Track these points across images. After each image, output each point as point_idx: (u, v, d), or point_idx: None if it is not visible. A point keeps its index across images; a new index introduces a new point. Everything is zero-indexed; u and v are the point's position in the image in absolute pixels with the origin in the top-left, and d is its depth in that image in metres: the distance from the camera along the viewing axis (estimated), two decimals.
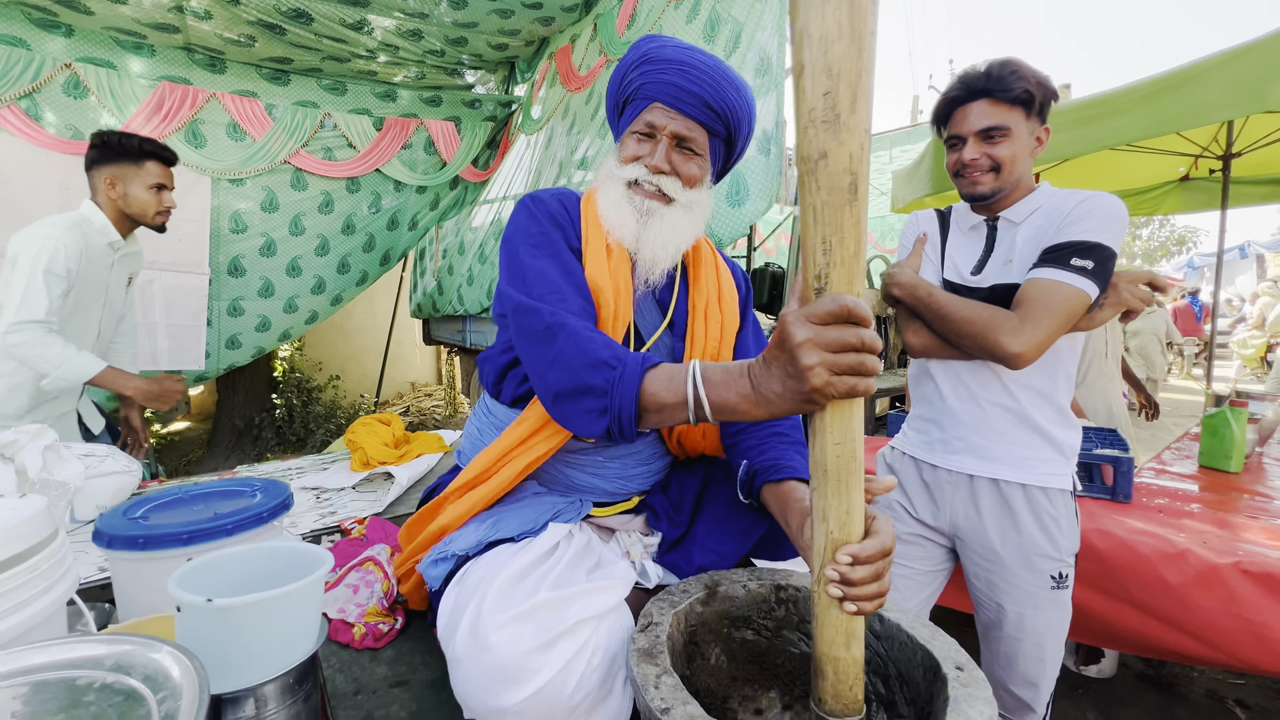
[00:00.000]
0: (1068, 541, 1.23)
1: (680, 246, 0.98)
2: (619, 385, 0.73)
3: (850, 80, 0.53)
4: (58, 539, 0.62)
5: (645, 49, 0.95)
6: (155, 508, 0.92)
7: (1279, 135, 2.91)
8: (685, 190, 0.95)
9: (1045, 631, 1.23)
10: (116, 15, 2.99)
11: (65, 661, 0.50)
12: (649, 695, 0.64)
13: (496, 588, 0.75)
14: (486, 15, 3.45)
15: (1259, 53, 1.87)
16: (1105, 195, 1.16)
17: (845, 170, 0.54)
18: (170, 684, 0.47)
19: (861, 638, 0.66)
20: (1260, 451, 2.29)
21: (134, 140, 2.01)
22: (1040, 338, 1.10)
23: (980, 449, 1.26)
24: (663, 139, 0.93)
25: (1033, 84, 1.16)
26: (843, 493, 0.61)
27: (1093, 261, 1.11)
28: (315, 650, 0.66)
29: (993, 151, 1.19)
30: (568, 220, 0.96)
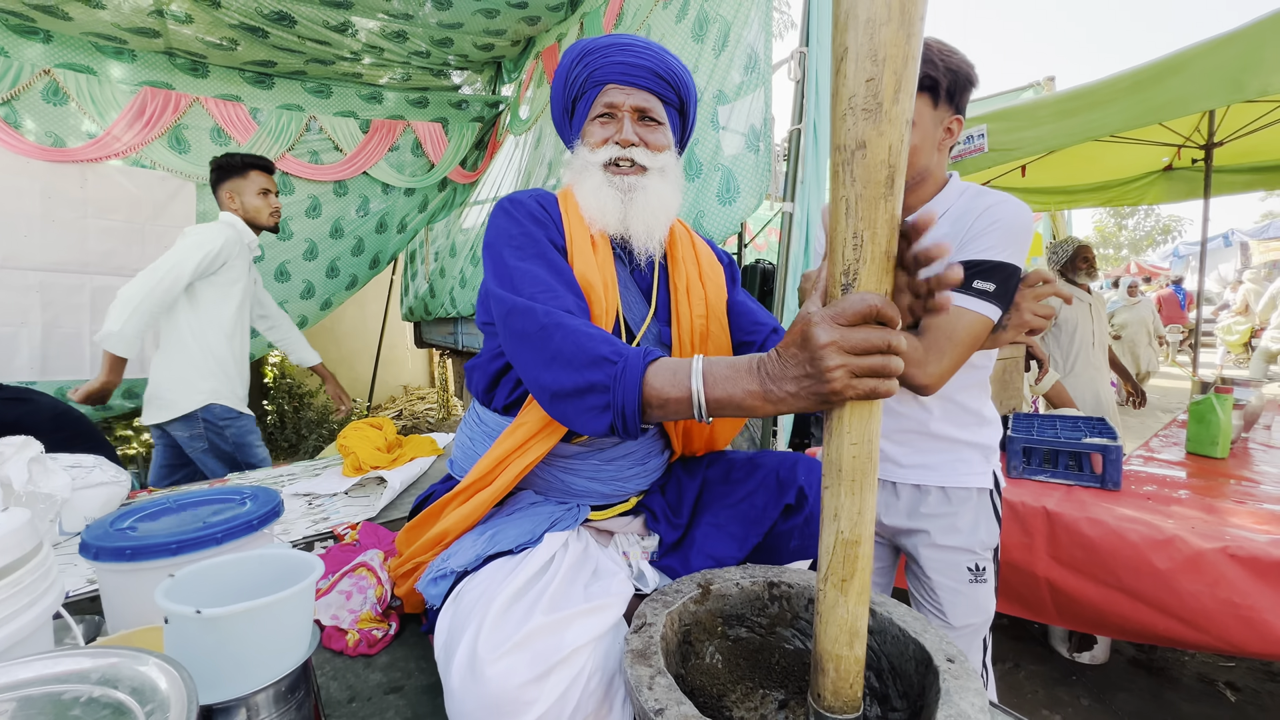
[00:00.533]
0: (985, 536, 1.24)
1: (669, 213, 1.01)
2: (621, 380, 0.72)
3: (896, 67, 0.50)
4: (41, 552, 0.61)
5: (580, 47, 1.00)
6: (143, 518, 0.91)
7: (1259, 125, 2.94)
8: (656, 156, 0.99)
9: (966, 625, 1.25)
10: (95, 20, 2.95)
11: (51, 676, 0.49)
12: (643, 696, 0.64)
13: (493, 614, 0.73)
14: (471, 15, 3.43)
15: (1237, 43, 1.89)
16: (1008, 204, 1.11)
17: (884, 163, 0.52)
18: (158, 696, 0.47)
19: (864, 636, 0.65)
20: (1246, 437, 2.32)
21: (237, 157, 2.36)
22: (945, 367, 1.08)
23: (898, 457, 1.28)
24: (624, 114, 0.98)
25: (939, 69, 1.08)
26: (856, 493, 0.60)
27: (994, 284, 1.08)
28: (307, 658, 0.66)
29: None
30: (549, 219, 0.96)
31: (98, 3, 2.82)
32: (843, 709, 0.66)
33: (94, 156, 3.28)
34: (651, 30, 2.87)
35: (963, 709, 0.62)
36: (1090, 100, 2.24)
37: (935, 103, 1.10)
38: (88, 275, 3.46)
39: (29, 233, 3.26)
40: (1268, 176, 3.81)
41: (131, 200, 3.48)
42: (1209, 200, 3.27)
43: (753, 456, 1.06)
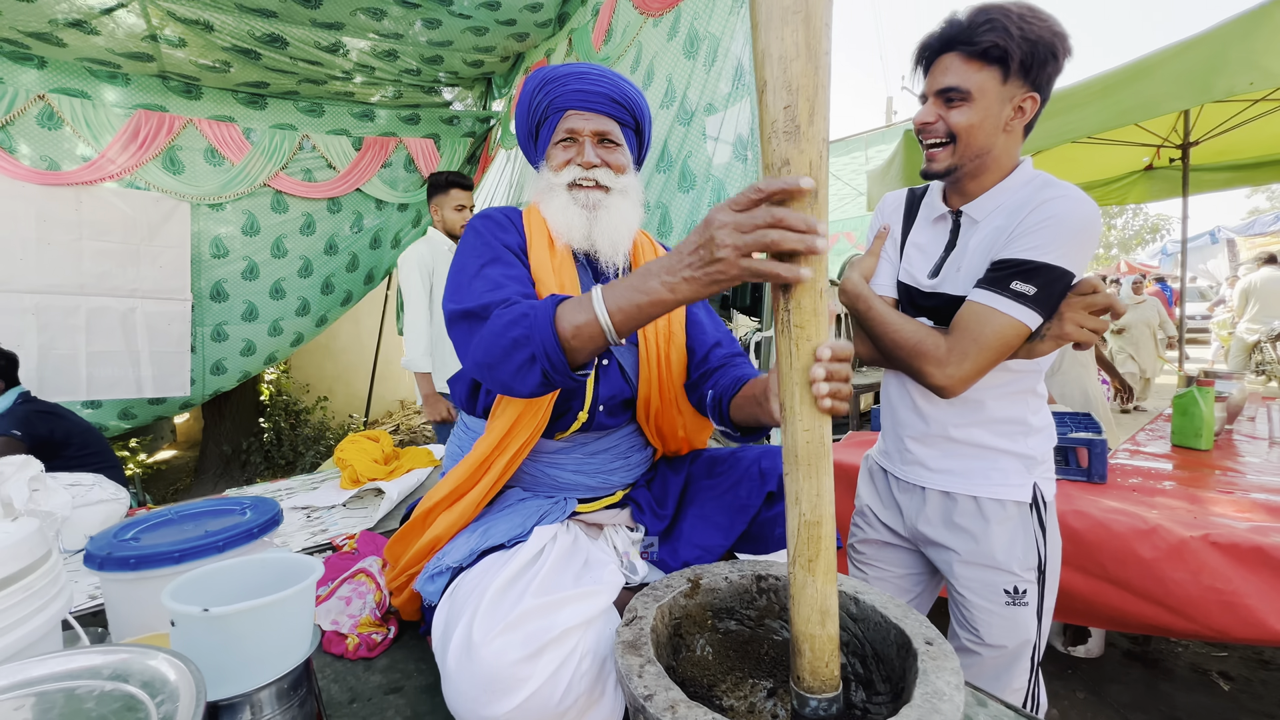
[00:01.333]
0: (1023, 555, 1.11)
1: (631, 228, 1.06)
2: (535, 327, 0.77)
3: (808, 94, 0.58)
4: (51, 559, 0.64)
5: (541, 75, 1.06)
6: (146, 529, 0.93)
7: (1233, 124, 3.02)
8: (618, 177, 1.04)
9: (1001, 647, 1.14)
10: (90, 46, 3.00)
11: (64, 673, 0.52)
12: (632, 684, 0.67)
13: (487, 600, 0.77)
14: (461, 33, 3.50)
15: (1204, 46, 1.95)
16: (1069, 200, 0.98)
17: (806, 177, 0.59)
18: (167, 687, 0.49)
19: (835, 615, 0.68)
20: (1230, 429, 2.36)
21: (441, 176, 2.74)
22: (967, 371, 1.00)
23: (928, 461, 1.18)
24: (585, 138, 1.03)
25: (1015, 38, 0.93)
26: (813, 476, 0.65)
27: (1036, 286, 0.96)
28: (309, 656, 0.68)
29: (948, 116, 1.01)
30: (511, 226, 1.03)
31: (92, 29, 2.86)
32: (820, 688, 0.69)
33: (89, 179, 3.31)
34: (643, 47, 2.93)
35: (938, 686, 0.65)
36: (1064, 104, 2.30)
37: (1005, 77, 0.97)
38: (83, 297, 3.49)
39: (24, 256, 3.28)
40: (1246, 173, 3.89)
41: (126, 221, 3.51)
42: (1188, 198, 3.34)
43: (734, 451, 1.11)
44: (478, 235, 1.01)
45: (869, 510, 1.34)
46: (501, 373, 0.82)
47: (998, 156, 1.05)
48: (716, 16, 2.62)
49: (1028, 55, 0.95)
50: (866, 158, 7.36)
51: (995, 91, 0.98)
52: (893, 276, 1.22)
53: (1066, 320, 0.99)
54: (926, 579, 1.33)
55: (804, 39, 0.57)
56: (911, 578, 1.32)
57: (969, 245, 1.09)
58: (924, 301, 1.14)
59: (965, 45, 0.97)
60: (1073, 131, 2.31)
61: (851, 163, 7.54)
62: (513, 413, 0.96)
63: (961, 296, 1.06)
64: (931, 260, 1.15)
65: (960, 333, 1.01)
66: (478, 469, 0.96)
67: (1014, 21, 0.94)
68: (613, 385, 1.04)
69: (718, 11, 2.62)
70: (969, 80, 0.98)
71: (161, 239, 3.63)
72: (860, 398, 3.45)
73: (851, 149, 7.71)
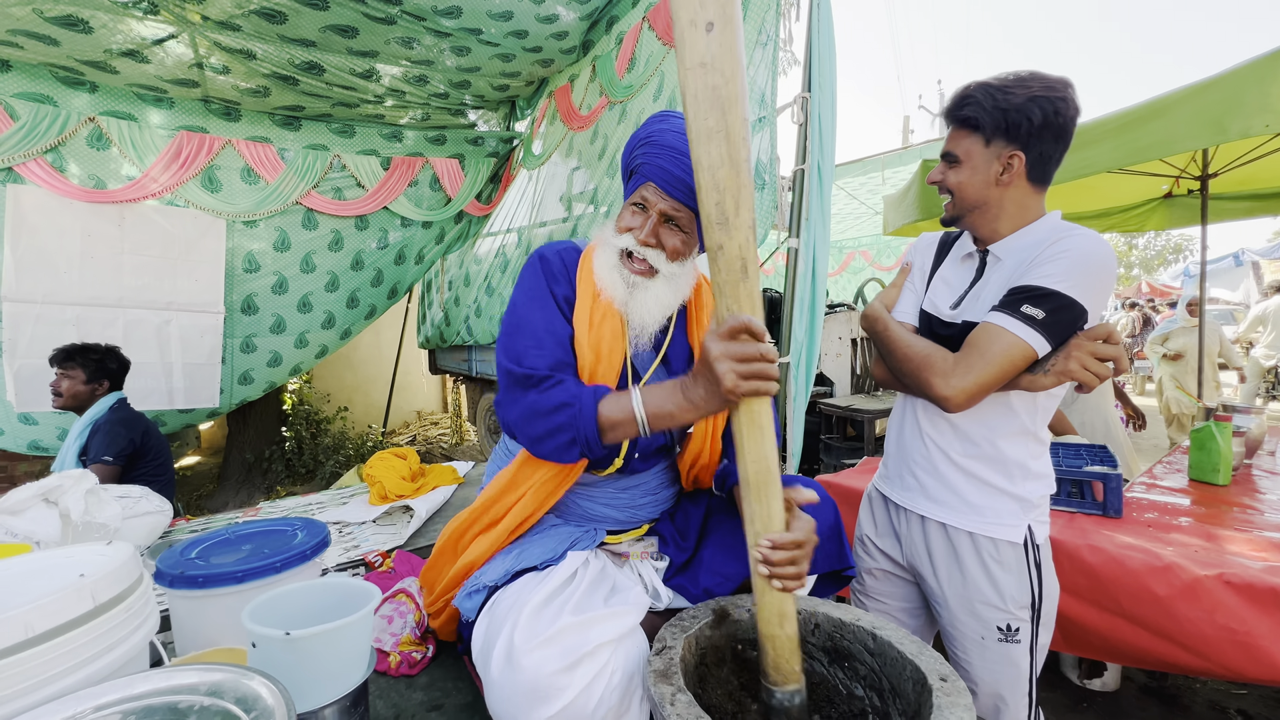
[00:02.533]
0: (1016, 594, 1.14)
1: (665, 312, 1.09)
2: (579, 421, 0.91)
3: (733, 193, 0.72)
4: (145, 582, 0.71)
5: (650, 130, 1.07)
6: (208, 548, 1.00)
7: (1252, 157, 3.03)
8: (669, 263, 1.06)
9: (993, 683, 1.16)
10: (140, 73, 3.15)
11: (167, 689, 0.58)
12: (665, 712, 0.72)
13: (526, 615, 0.83)
14: (488, 60, 3.62)
15: (1220, 88, 1.98)
16: (1088, 238, 1.05)
17: (737, 256, 0.74)
18: (261, 705, 0.55)
19: (793, 618, 0.80)
20: (1248, 463, 2.35)
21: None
22: (970, 384, 1.04)
23: (930, 490, 1.21)
24: (653, 214, 1.04)
25: (987, 109, 1.07)
26: (763, 499, 0.79)
27: (1045, 311, 1.01)
28: (368, 676, 0.74)
29: (945, 175, 1.16)
30: (564, 275, 1.08)
31: (143, 57, 3.01)
32: (783, 681, 0.80)
33: (132, 197, 3.46)
34: (665, 77, 3.01)
35: None
36: (1080, 140, 2.34)
37: (987, 141, 1.09)
38: (121, 309, 3.63)
39: (68, 269, 3.44)
40: (1266, 203, 3.88)
41: (166, 237, 3.66)
42: (1206, 229, 3.35)
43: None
44: (536, 277, 1.07)
45: (868, 539, 1.36)
46: (544, 448, 0.95)
47: (1004, 206, 1.13)
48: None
49: (1000, 122, 1.07)
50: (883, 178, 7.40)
51: (980, 153, 1.11)
52: (915, 306, 1.29)
53: (1072, 358, 1.03)
54: (925, 613, 1.34)
55: (726, 152, 0.71)
56: (909, 611, 1.34)
57: (994, 279, 1.15)
58: (943, 330, 1.20)
59: (954, 118, 1.14)
60: (1089, 167, 2.35)
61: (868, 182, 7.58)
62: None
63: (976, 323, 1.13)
64: (956, 293, 1.23)
65: (968, 349, 1.07)
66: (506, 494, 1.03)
67: (989, 94, 1.07)
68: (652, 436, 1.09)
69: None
70: (958, 146, 1.14)
71: (198, 254, 3.77)
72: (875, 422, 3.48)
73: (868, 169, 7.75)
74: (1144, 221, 4.40)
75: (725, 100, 0.69)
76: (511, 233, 4.72)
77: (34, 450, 3.50)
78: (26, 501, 1.45)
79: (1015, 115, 1.06)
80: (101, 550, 0.72)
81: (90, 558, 0.69)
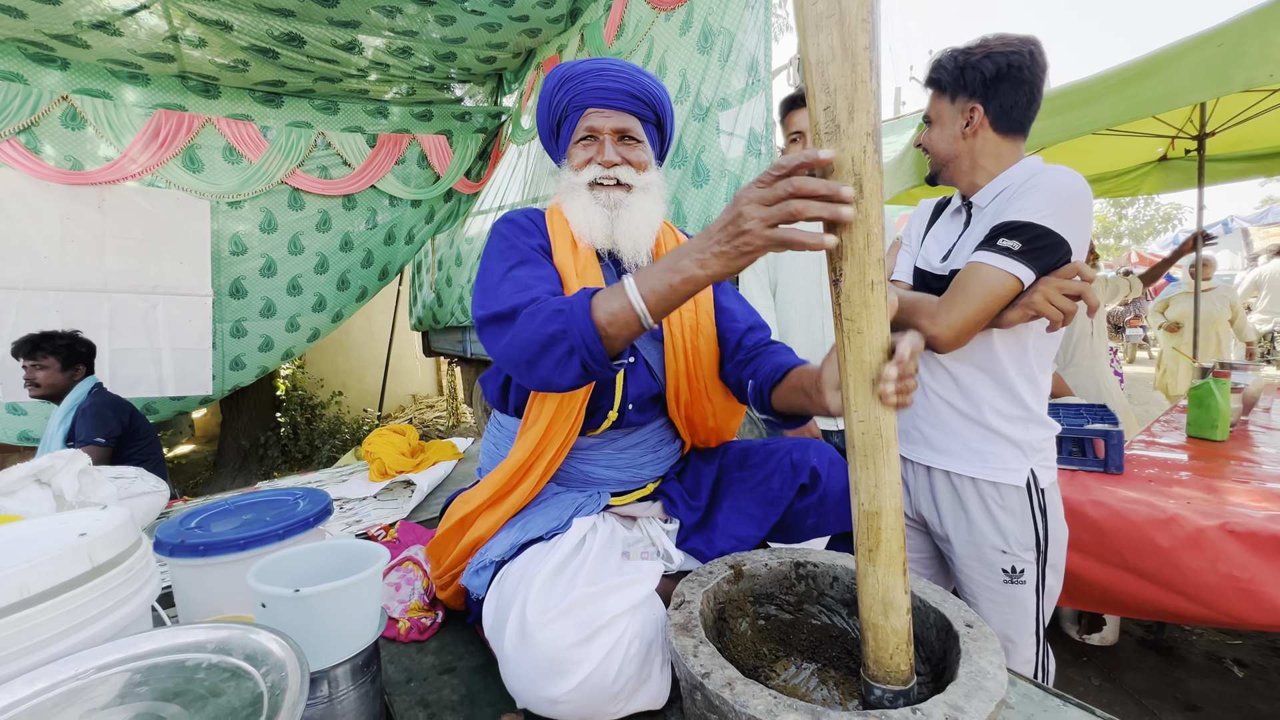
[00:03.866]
0: (1020, 535, 1.18)
1: (654, 225, 1.06)
2: (572, 320, 0.80)
3: (846, 94, 0.59)
4: (143, 545, 0.68)
5: (560, 73, 1.06)
6: (208, 518, 0.98)
7: (1250, 114, 3.00)
8: (639, 174, 1.05)
9: (1000, 624, 1.21)
10: (113, 47, 3.04)
11: (173, 647, 0.56)
12: (689, 663, 0.70)
13: (537, 587, 0.81)
14: (474, 30, 3.52)
15: (1224, 37, 1.95)
16: (1057, 171, 1.09)
17: (850, 172, 0.61)
18: (272, 659, 0.53)
19: (901, 608, 0.68)
20: (1245, 419, 2.37)
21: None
22: (956, 320, 1.06)
23: (934, 440, 1.26)
24: (605, 136, 1.03)
25: (947, 69, 1.15)
26: (870, 467, 0.66)
27: (1020, 242, 1.03)
28: (378, 637, 0.72)
29: (924, 138, 1.25)
30: (534, 228, 1.05)
31: (115, 30, 2.90)
32: (885, 679, 0.70)
33: (111, 179, 3.37)
34: (654, 42, 2.94)
35: (982, 666, 0.68)
36: (1080, 97, 2.30)
37: (951, 98, 1.17)
38: (106, 294, 3.55)
39: (49, 254, 3.35)
40: (1262, 164, 3.87)
41: (148, 219, 3.57)
42: (1203, 190, 3.33)
43: (766, 443, 1.13)
44: (503, 239, 1.02)
45: None
46: (541, 369, 0.84)
47: (975, 158, 1.19)
48: (731, 11, 2.63)
49: (959, 78, 1.14)
50: None
51: (947, 110, 1.19)
52: (910, 265, 1.34)
53: (1038, 291, 1.05)
54: (938, 563, 1.38)
55: (839, 41, 0.58)
56: (922, 562, 1.38)
57: (976, 229, 1.19)
58: (935, 283, 1.24)
59: (928, 83, 1.22)
60: (1087, 125, 2.31)
61: None
62: (547, 415, 0.98)
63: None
64: (945, 247, 1.27)
65: (953, 289, 1.10)
66: (517, 473, 0.99)
67: (953, 57, 1.15)
68: (641, 383, 1.06)
69: (732, 6, 2.62)
70: (931, 108, 1.22)
71: (182, 236, 3.69)
72: None
73: None
74: (1139, 185, 4.37)
75: None
76: (503, 210, 4.64)
77: (24, 441, 3.45)
78: (19, 483, 1.42)
79: (971, 71, 1.13)
80: (97, 514, 0.69)
81: (86, 521, 0.67)
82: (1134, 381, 7.96)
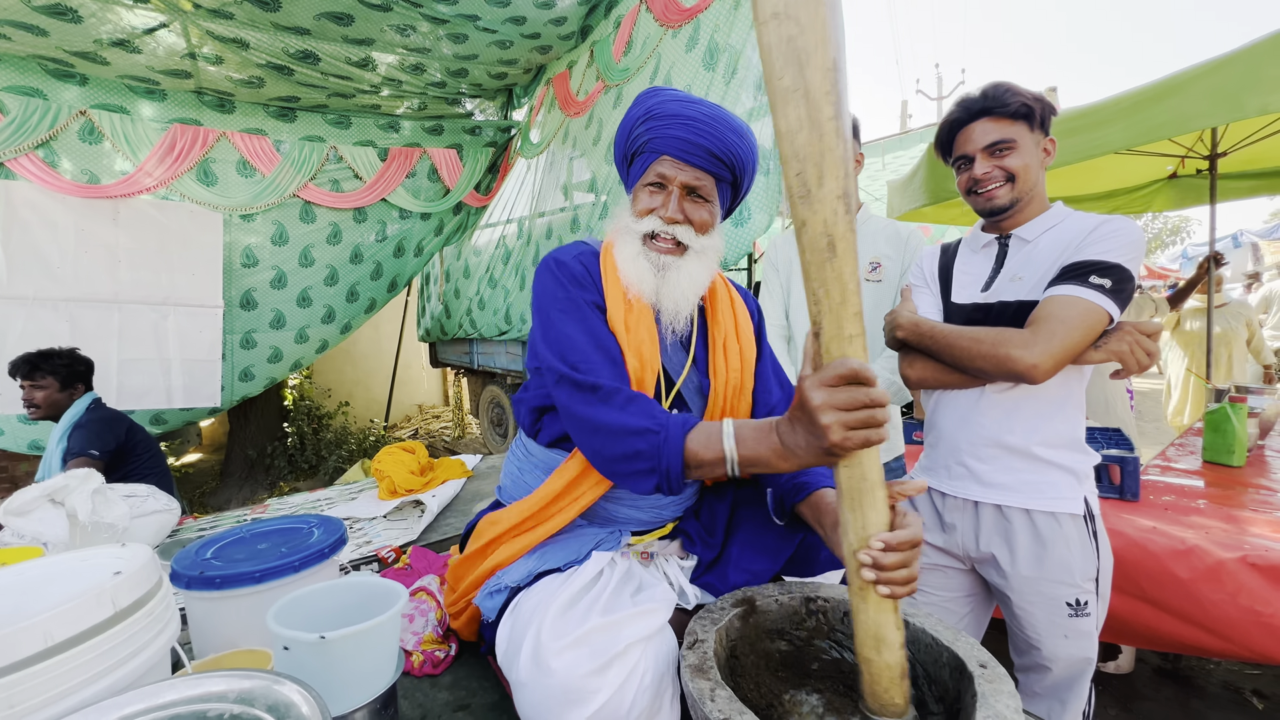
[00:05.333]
0: (1083, 566, 1.16)
1: (699, 291, 1.03)
2: (664, 448, 0.82)
3: (815, 160, 0.63)
4: (164, 586, 0.68)
5: (648, 105, 1.00)
6: (223, 548, 0.98)
7: (1262, 135, 2.99)
8: (698, 237, 1.00)
9: (1068, 662, 1.18)
10: (131, 64, 3.09)
11: (195, 697, 0.56)
12: (706, 708, 0.70)
13: (552, 615, 0.80)
14: (486, 47, 3.56)
15: (1237, 63, 1.95)
16: (1125, 220, 1.14)
17: (822, 234, 0.64)
18: (294, 713, 0.53)
19: (892, 643, 0.71)
20: (1262, 444, 2.34)
21: None
22: (1055, 349, 1.06)
23: (981, 475, 1.23)
24: (674, 189, 0.98)
25: (1030, 98, 1.17)
26: (857, 510, 0.69)
27: (1111, 280, 1.07)
28: (397, 678, 0.72)
29: (1003, 163, 1.19)
30: (589, 280, 1.01)
31: (134, 48, 2.95)
32: (880, 712, 0.72)
33: (127, 192, 3.41)
34: (661, 59, 2.97)
35: (999, 710, 0.67)
36: (1093, 119, 2.30)
37: (1032, 128, 1.18)
38: (117, 305, 3.59)
39: (62, 265, 3.39)
40: (1272, 181, 3.85)
41: (161, 232, 3.60)
42: (1215, 208, 3.32)
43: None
44: (560, 285, 0.98)
45: None
46: (615, 470, 0.87)
47: (1040, 192, 1.23)
48: (738, 29, 2.64)
49: (1042, 111, 1.18)
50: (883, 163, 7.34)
51: (1030, 139, 1.19)
52: (936, 307, 1.32)
53: (1125, 340, 1.08)
54: (976, 600, 1.35)
55: (805, 113, 0.62)
56: (960, 600, 1.34)
57: (1029, 257, 1.21)
58: (975, 315, 1.24)
59: (998, 109, 1.18)
60: (1100, 148, 2.31)
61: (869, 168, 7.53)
62: (583, 465, 0.97)
63: (1017, 301, 1.19)
64: (982, 279, 1.27)
65: (1044, 319, 1.08)
66: (549, 506, 0.98)
67: (1024, 89, 1.18)
68: None
69: (739, 24, 2.64)
70: (1011, 132, 1.18)
71: (195, 249, 3.72)
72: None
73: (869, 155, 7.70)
74: (1148, 203, 4.36)
75: (802, 53, 0.61)
76: (512, 223, 4.67)
77: (34, 450, 3.47)
78: (33, 503, 1.43)
79: (1048, 108, 1.18)
80: (118, 553, 0.69)
81: (108, 561, 0.67)
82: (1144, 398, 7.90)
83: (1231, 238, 13.05)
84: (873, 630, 0.71)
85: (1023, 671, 1.27)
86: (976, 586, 1.33)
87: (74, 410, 2.45)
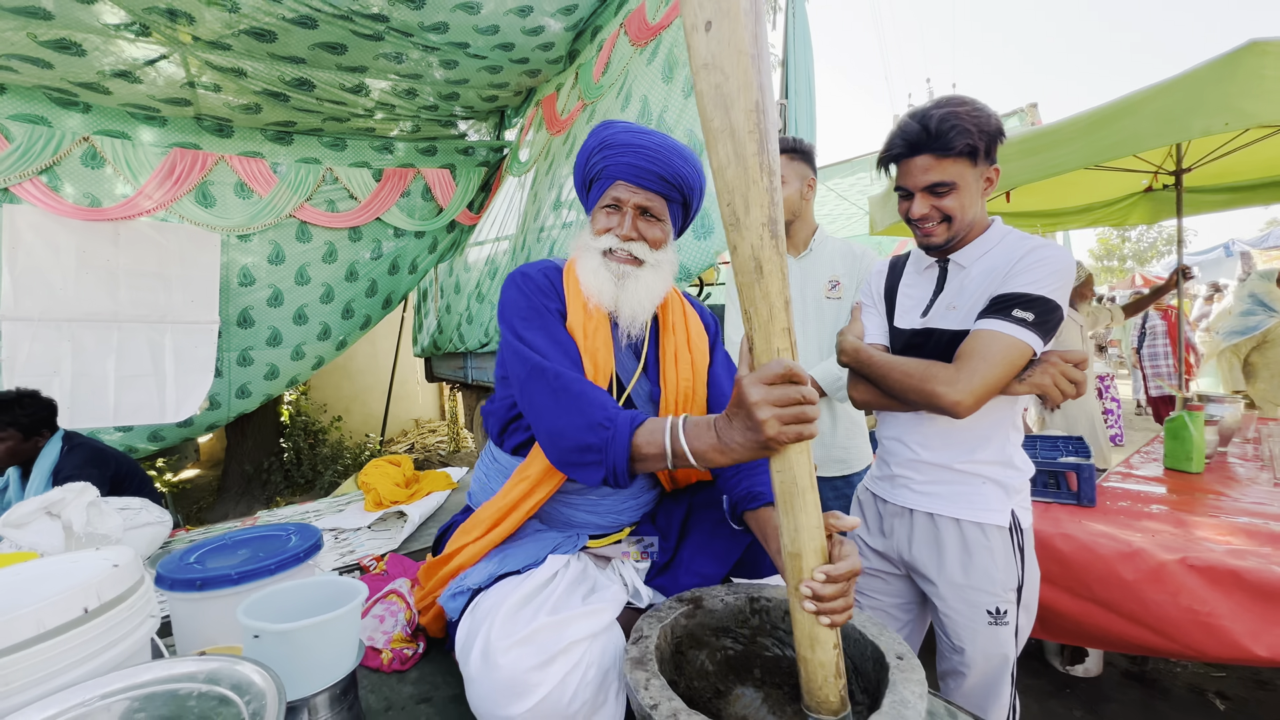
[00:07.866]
0: (1004, 577, 1.20)
1: (654, 300, 1.12)
2: (612, 444, 0.89)
3: (741, 192, 0.70)
4: (145, 583, 0.76)
5: (602, 136, 1.11)
6: (206, 553, 1.05)
7: (1224, 151, 3.10)
8: (653, 252, 1.11)
9: (985, 667, 1.22)
10: (133, 93, 3.21)
11: (167, 677, 0.63)
12: (640, 696, 0.77)
13: (503, 615, 0.88)
14: (476, 72, 3.68)
15: (1182, 87, 2.05)
16: (1055, 247, 1.15)
17: (750, 256, 0.71)
18: (254, 689, 0.60)
19: (826, 643, 0.76)
20: (1223, 451, 2.41)
21: None
22: (976, 386, 1.08)
23: (915, 485, 1.29)
24: (628, 210, 1.09)
25: (975, 135, 1.12)
26: (790, 513, 0.74)
27: (1033, 314, 1.08)
28: (355, 667, 0.79)
29: (941, 204, 1.18)
30: (552, 290, 1.11)
31: (135, 78, 3.07)
32: (818, 709, 0.77)
33: (127, 214, 3.51)
34: (629, 75, 3.07)
35: (904, 696, 0.75)
36: (1050, 140, 2.40)
37: (975, 162, 1.16)
38: (116, 324, 3.67)
39: (64, 286, 3.48)
40: (1243, 194, 3.95)
41: (161, 252, 3.71)
42: (1181, 222, 3.42)
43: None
44: (524, 296, 1.08)
45: (859, 539, 1.42)
46: (567, 461, 0.94)
47: (979, 219, 1.23)
48: None
49: (988, 143, 1.15)
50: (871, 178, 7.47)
51: (971, 175, 1.17)
52: (882, 327, 1.36)
53: (1048, 373, 1.10)
54: (917, 608, 1.40)
55: (732, 150, 0.69)
56: (902, 606, 1.40)
57: (963, 285, 1.23)
58: (915, 340, 1.28)
59: (940, 150, 1.14)
60: (1056, 168, 2.41)
61: (858, 183, 7.66)
62: (543, 463, 1.05)
63: (950, 330, 1.21)
64: (922, 304, 1.30)
65: (968, 356, 1.11)
66: (508, 512, 1.06)
67: (970, 121, 1.12)
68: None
69: None
70: (951, 174, 1.16)
71: (193, 269, 3.82)
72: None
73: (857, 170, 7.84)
74: (1126, 215, 4.46)
75: (727, 98, 0.67)
76: (502, 240, 4.77)
77: None
78: (30, 515, 1.50)
79: (992, 135, 1.15)
80: (105, 554, 0.77)
81: (94, 562, 0.74)
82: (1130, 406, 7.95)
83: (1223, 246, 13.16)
84: (808, 630, 0.76)
85: (944, 677, 1.31)
86: (916, 594, 1.38)
87: (48, 454, 2.30)
